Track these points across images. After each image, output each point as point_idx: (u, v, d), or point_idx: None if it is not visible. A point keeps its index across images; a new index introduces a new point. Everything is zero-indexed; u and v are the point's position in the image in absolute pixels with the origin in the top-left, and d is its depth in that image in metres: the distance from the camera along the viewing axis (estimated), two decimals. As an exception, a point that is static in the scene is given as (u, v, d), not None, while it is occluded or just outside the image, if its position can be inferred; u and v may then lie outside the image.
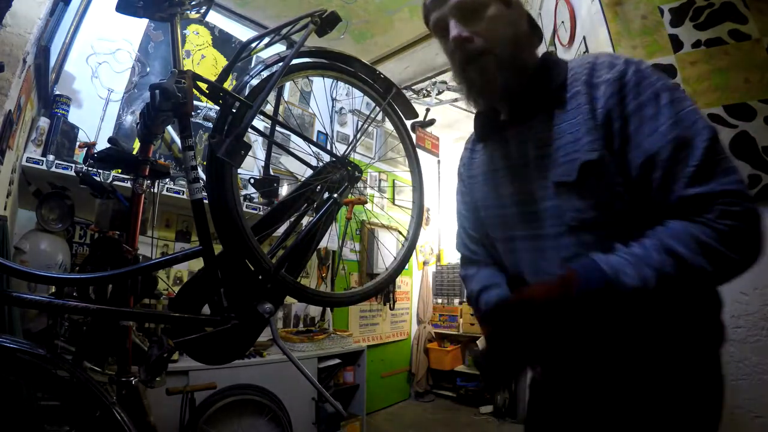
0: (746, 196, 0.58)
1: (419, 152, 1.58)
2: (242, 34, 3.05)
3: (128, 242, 1.11)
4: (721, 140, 0.61)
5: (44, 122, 1.95)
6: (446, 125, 4.46)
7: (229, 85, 1.05)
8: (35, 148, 1.91)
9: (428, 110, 3.89)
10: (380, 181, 4.21)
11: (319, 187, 1.17)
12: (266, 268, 0.95)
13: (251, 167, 2.77)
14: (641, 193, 0.64)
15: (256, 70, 1.06)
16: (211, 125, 2.42)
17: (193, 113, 0.98)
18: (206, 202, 0.96)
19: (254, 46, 1.14)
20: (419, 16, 0.87)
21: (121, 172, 1.86)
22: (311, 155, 1.20)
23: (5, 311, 1.26)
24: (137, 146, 1.22)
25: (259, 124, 1.20)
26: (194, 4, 1.15)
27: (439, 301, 4.70)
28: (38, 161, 1.86)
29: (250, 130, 0.97)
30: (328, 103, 3.72)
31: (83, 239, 2.16)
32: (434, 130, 4.28)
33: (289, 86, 3.25)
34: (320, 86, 3.61)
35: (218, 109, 0.98)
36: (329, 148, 1.21)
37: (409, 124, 1.40)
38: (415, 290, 4.60)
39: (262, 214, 1.67)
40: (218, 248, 0.97)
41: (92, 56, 2.31)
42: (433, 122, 3.99)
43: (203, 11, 1.23)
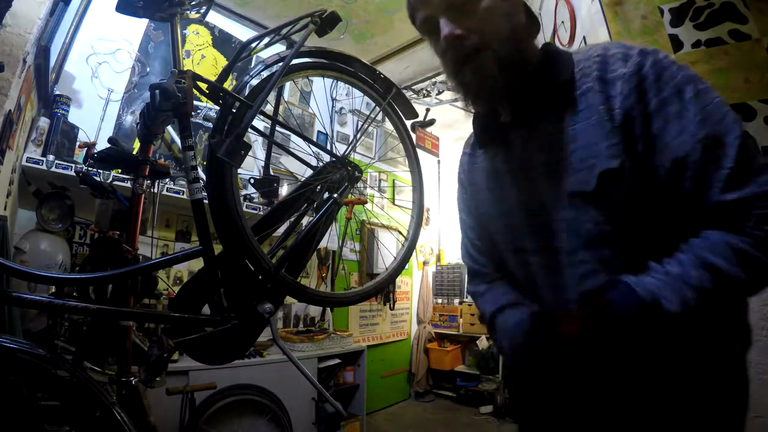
0: None
1: (419, 152, 1.58)
2: (242, 34, 3.05)
3: (128, 242, 1.11)
4: (749, 133, 0.56)
5: (44, 122, 1.95)
6: (446, 125, 4.45)
7: (229, 85, 1.05)
8: (35, 148, 1.91)
9: (428, 110, 3.90)
10: (380, 181, 4.21)
11: (319, 187, 1.17)
12: (266, 268, 0.95)
13: (251, 167, 2.77)
14: (667, 199, 0.59)
15: (256, 70, 1.06)
16: (211, 125, 2.42)
17: (193, 113, 0.98)
18: (206, 202, 0.96)
19: (254, 46, 1.13)
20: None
21: (121, 172, 1.86)
22: (311, 155, 1.19)
23: (5, 311, 1.26)
24: (137, 146, 1.22)
25: (259, 124, 1.20)
26: (194, 4, 1.15)
27: (439, 301, 4.70)
28: (38, 161, 1.86)
29: (250, 130, 0.96)
30: (328, 103, 3.71)
31: (83, 239, 2.16)
32: (434, 130, 4.28)
33: (289, 86, 3.25)
34: (320, 86, 3.60)
35: (218, 109, 0.98)
36: (329, 148, 1.21)
37: (409, 124, 1.40)
38: (415, 290, 4.60)
39: (262, 214, 1.67)
40: (218, 248, 0.97)
41: (92, 56, 2.31)
42: (433, 122, 4.00)
43: (203, 11, 1.23)
